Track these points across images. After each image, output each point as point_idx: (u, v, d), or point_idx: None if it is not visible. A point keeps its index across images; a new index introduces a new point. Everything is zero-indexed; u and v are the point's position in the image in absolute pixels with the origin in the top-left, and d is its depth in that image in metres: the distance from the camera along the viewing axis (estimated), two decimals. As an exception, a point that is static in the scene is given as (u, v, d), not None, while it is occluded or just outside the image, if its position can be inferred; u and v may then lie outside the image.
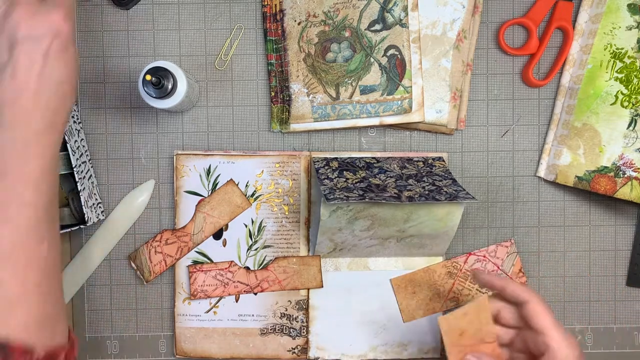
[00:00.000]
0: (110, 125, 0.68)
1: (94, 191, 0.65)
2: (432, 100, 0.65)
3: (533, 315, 0.50)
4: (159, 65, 0.57)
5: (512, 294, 0.51)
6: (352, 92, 0.65)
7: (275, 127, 0.67)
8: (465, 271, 0.67)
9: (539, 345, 0.49)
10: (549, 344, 0.49)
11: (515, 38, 0.68)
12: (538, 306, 0.50)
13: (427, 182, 0.62)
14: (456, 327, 0.52)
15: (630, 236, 0.68)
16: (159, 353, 0.68)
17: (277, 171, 0.67)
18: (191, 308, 0.67)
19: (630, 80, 0.63)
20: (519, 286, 0.51)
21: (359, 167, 0.65)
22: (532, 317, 0.50)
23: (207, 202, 0.66)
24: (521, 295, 0.51)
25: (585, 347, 0.68)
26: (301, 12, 0.65)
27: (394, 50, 0.64)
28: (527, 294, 0.50)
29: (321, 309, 0.67)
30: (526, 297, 0.50)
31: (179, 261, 0.67)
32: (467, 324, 0.52)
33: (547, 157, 0.67)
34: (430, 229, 0.62)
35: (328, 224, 0.60)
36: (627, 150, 0.63)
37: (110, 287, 0.68)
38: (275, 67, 0.66)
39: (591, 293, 0.68)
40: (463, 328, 0.52)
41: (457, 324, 0.52)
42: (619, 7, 0.64)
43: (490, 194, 0.68)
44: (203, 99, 0.67)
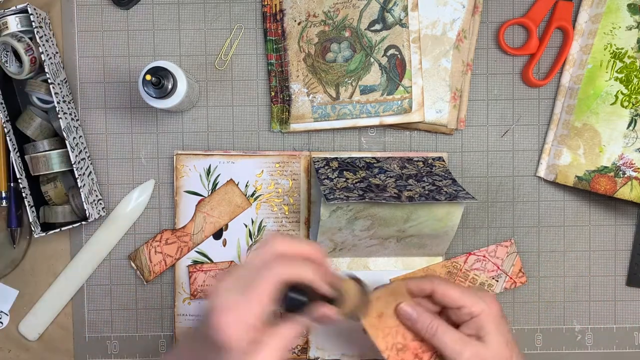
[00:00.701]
0: (110, 125, 0.68)
1: (94, 188, 0.65)
2: (432, 100, 0.65)
3: (444, 298, 0.52)
4: (159, 65, 0.57)
5: (416, 289, 0.53)
6: (352, 92, 0.65)
7: (275, 127, 0.67)
8: (465, 271, 0.67)
9: (463, 317, 0.51)
10: (471, 312, 0.51)
11: (515, 38, 0.68)
12: (440, 287, 0.52)
13: (427, 182, 0.62)
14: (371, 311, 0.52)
15: (630, 236, 0.68)
16: (159, 353, 0.68)
17: (277, 171, 0.67)
18: (191, 308, 0.67)
19: (630, 80, 0.63)
20: (418, 280, 0.53)
21: (359, 167, 0.65)
22: (445, 299, 0.52)
23: (207, 202, 0.66)
24: (423, 286, 0.53)
25: (585, 347, 0.68)
26: (301, 12, 0.65)
27: (394, 50, 0.64)
28: (428, 283, 0.53)
29: (321, 309, 0.67)
30: (428, 287, 0.53)
31: (179, 261, 0.67)
32: (383, 306, 0.52)
33: (547, 157, 0.67)
34: (430, 229, 0.62)
35: (328, 224, 0.60)
36: (627, 150, 0.63)
37: (110, 287, 0.68)
38: (275, 67, 0.66)
39: (591, 293, 0.68)
40: (380, 310, 0.52)
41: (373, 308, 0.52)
42: (619, 7, 0.64)
43: (490, 194, 0.68)
44: (203, 99, 0.67)
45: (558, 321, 0.68)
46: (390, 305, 0.53)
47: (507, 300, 0.68)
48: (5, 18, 0.62)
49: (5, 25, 0.62)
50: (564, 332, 0.68)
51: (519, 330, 0.68)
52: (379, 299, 0.53)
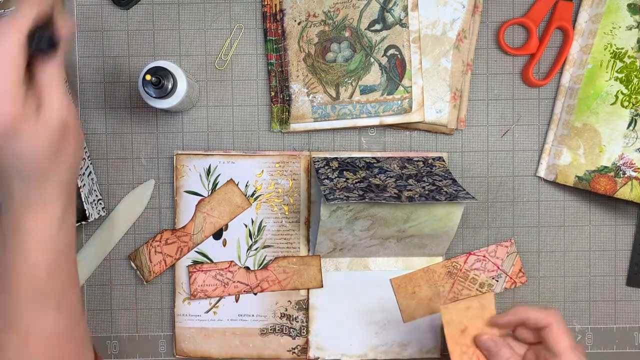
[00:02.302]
0: (110, 125, 0.68)
1: (94, 187, 0.65)
2: (432, 100, 0.65)
3: (553, 339, 0.50)
4: (158, 65, 0.57)
5: (535, 322, 0.52)
6: (352, 92, 0.65)
7: (275, 127, 0.67)
8: (465, 271, 0.67)
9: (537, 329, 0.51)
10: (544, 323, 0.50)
11: (515, 38, 0.68)
12: (558, 329, 0.51)
13: (427, 182, 0.62)
14: (458, 322, 0.52)
15: (630, 236, 0.68)
16: (159, 353, 0.68)
17: (277, 171, 0.67)
18: (191, 308, 0.67)
19: (630, 80, 0.63)
20: (539, 312, 0.51)
21: (359, 167, 0.65)
22: (552, 340, 0.50)
23: (207, 202, 0.66)
24: (543, 320, 0.51)
25: (585, 347, 0.68)
26: (301, 12, 0.65)
27: (394, 50, 0.64)
28: (549, 318, 0.51)
29: (321, 309, 0.67)
30: (547, 322, 0.51)
31: (179, 261, 0.67)
32: (470, 320, 0.52)
33: (547, 157, 0.67)
34: (430, 229, 0.62)
35: (328, 224, 0.60)
36: (627, 150, 0.63)
37: (110, 287, 0.68)
38: (275, 67, 0.66)
39: (591, 293, 0.68)
40: (465, 324, 0.52)
41: (459, 318, 0.52)
42: (619, 7, 0.64)
43: (490, 194, 0.68)
44: (203, 99, 0.67)
45: (558, 321, 0.68)
46: (477, 320, 0.52)
47: (507, 300, 0.68)
48: (5, 18, 0.61)
49: (5, 25, 0.62)
50: (564, 332, 0.68)
51: (519, 330, 0.68)
52: (469, 309, 0.52)
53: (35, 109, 0.40)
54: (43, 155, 0.41)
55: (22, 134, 0.39)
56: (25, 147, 0.40)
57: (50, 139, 0.41)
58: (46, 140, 0.41)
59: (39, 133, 0.40)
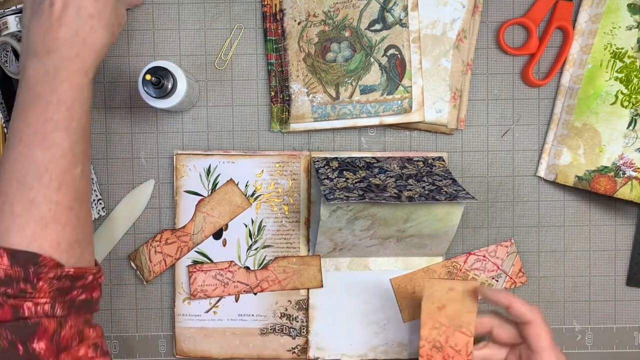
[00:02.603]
0: (110, 125, 0.68)
1: (94, 187, 0.65)
2: (432, 100, 0.65)
3: (534, 337, 0.51)
4: (158, 65, 0.57)
5: (518, 312, 0.52)
6: (352, 91, 0.65)
7: (275, 127, 0.67)
8: (465, 271, 0.67)
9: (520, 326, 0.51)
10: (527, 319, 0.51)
11: (515, 38, 0.68)
12: (540, 328, 0.51)
13: (427, 182, 0.62)
14: (438, 298, 0.53)
15: (630, 236, 0.68)
16: (159, 353, 0.68)
17: (277, 171, 0.67)
18: (191, 308, 0.67)
19: (630, 80, 0.63)
20: (525, 305, 0.52)
21: (359, 167, 0.65)
22: (533, 338, 0.51)
23: (207, 202, 0.66)
24: (526, 315, 0.52)
25: (585, 347, 0.68)
26: (301, 11, 0.65)
27: (394, 50, 0.64)
28: (532, 314, 0.51)
29: (321, 309, 0.67)
30: (531, 318, 0.51)
31: (178, 261, 0.67)
32: (450, 300, 0.53)
33: (547, 157, 0.67)
34: (430, 229, 0.62)
35: (328, 224, 0.60)
36: (627, 150, 0.63)
37: (110, 287, 0.68)
38: (275, 66, 0.66)
39: (591, 293, 0.68)
40: (444, 303, 0.53)
41: (440, 295, 0.53)
42: (619, 7, 0.64)
43: (490, 194, 0.68)
44: (203, 99, 0.67)
45: (558, 321, 0.68)
46: (457, 302, 0.53)
47: (507, 300, 0.68)
48: (5, 18, 0.62)
49: (5, 25, 0.62)
50: (564, 332, 0.68)
51: (519, 330, 0.68)
52: (452, 290, 0.53)
53: None
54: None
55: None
56: None
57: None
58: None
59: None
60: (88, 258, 0.51)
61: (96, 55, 0.50)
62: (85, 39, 0.49)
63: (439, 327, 0.53)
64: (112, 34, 0.52)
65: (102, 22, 0.50)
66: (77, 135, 0.49)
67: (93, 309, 0.51)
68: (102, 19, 0.50)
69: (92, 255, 0.52)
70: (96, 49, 0.50)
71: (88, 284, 0.49)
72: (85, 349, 0.48)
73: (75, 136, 0.49)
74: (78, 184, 0.49)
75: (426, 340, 0.53)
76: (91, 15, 0.49)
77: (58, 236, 0.47)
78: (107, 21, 0.51)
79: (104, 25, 0.50)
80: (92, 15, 0.49)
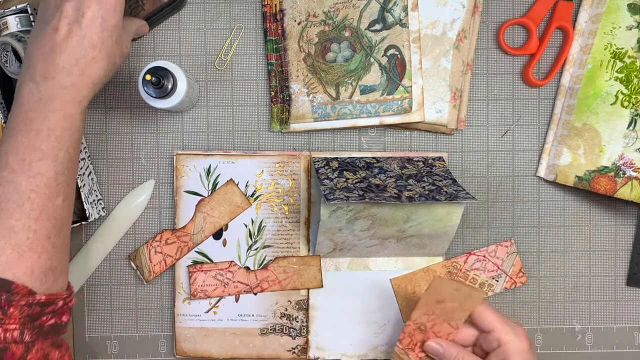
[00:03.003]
0: (110, 125, 0.68)
1: (94, 187, 0.65)
2: (432, 100, 0.65)
3: (479, 317, 0.52)
4: (159, 65, 0.57)
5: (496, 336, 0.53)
6: (352, 92, 0.65)
7: (275, 127, 0.67)
8: (465, 271, 0.67)
9: (492, 342, 0.52)
10: (499, 338, 0.51)
11: (515, 38, 0.68)
12: (481, 307, 0.53)
13: (427, 182, 0.62)
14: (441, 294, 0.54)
15: (630, 236, 0.68)
16: (159, 353, 0.68)
17: (277, 171, 0.67)
18: (191, 308, 0.67)
19: (630, 80, 0.63)
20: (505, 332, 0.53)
21: (359, 167, 0.65)
22: (479, 319, 0.52)
23: (207, 202, 0.66)
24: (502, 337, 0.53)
25: (586, 347, 0.68)
26: (301, 12, 0.65)
27: (394, 50, 0.64)
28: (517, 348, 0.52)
29: (321, 309, 0.67)
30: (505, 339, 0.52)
31: (179, 261, 0.67)
32: (451, 298, 0.53)
33: (547, 157, 0.67)
34: (430, 229, 0.62)
35: (328, 224, 0.60)
36: (627, 150, 0.63)
37: (110, 287, 0.68)
38: (275, 67, 0.66)
39: (591, 293, 0.68)
40: (445, 298, 0.53)
41: (443, 290, 0.53)
42: (619, 7, 0.64)
43: (490, 194, 0.68)
44: (203, 99, 0.67)
45: (558, 321, 0.68)
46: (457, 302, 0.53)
47: (507, 300, 0.68)
48: (5, 18, 0.62)
49: (5, 25, 0.62)
50: (564, 332, 0.68)
51: (519, 330, 0.68)
52: (458, 291, 0.53)
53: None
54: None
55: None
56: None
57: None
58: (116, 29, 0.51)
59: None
60: (61, 284, 0.51)
61: (93, 86, 0.50)
62: (84, 70, 0.49)
63: (430, 315, 0.54)
64: (112, 64, 0.52)
65: (104, 53, 0.50)
66: (63, 165, 0.49)
67: (61, 332, 0.51)
68: (103, 50, 0.50)
69: (66, 280, 0.52)
70: (93, 80, 0.50)
71: (58, 309, 0.50)
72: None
73: (61, 166, 0.49)
74: (59, 213, 0.49)
75: (414, 322, 0.54)
76: (94, 45, 0.49)
77: (33, 264, 0.47)
78: (109, 52, 0.51)
79: (105, 56, 0.50)
80: (95, 46, 0.49)
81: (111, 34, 0.50)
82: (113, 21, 0.50)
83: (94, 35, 0.49)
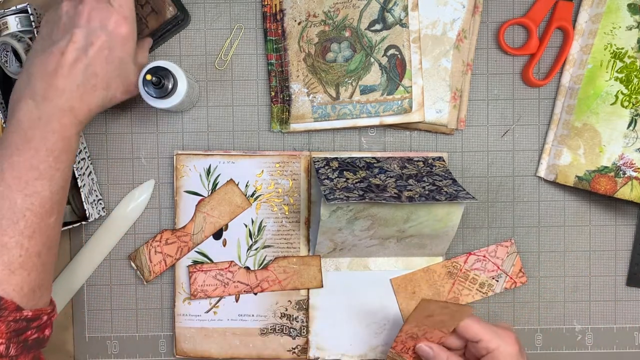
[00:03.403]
0: (110, 125, 0.68)
1: (94, 188, 0.65)
2: (432, 100, 0.65)
3: (465, 330, 0.54)
4: (159, 65, 0.57)
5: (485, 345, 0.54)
6: (352, 92, 0.65)
7: (275, 127, 0.67)
8: (465, 271, 0.67)
9: (481, 351, 0.53)
10: (487, 347, 0.53)
11: (515, 38, 0.68)
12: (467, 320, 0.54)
13: (427, 182, 0.62)
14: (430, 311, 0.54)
15: (630, 236, 0.68)
16: (159, 353, 0.68)
17: (277, 171, 0.67)
18: (191, 308, 0.67)
19: (630, 80, 0.63)
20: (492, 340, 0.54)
21: (359, 167, 0.65)
22: (465, 331, 0.54)
23: (207, 202, 0.66)
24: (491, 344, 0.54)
25: (586, 347, 0.68)
26: (301, 12, 0.65)
27: (394, 50, 0.64)
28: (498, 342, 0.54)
29: (321, 309, 0.67)
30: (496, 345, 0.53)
31: (179, 261, 0.67)
32: (441, 313, 0.54)
33: (547, 157, 0.67)
34: (430, 229, 0.62)
35: (328, 224, 0.60)
36: (627, 150, 0.63)
37: (110, 287, 0.68)
38: (275, 67, 0.66)
39: (591, 293, 0.68)
40: (435, 314, 0.54)
41: (432, 309, 0.53)
42: (619, 7, 0.64)
43: (490, 194, 0.68)
44: (203, 99, 0.67)
45: (558, 321, 0.68)
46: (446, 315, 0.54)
47: (507, 300, 0.68)
48: (5, 18, 0.61)
49: (5, 25, 0.62)
50: (564, 332, 0.68)
51: (519, 330, 0.68)
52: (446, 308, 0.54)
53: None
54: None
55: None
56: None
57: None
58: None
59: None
60: (45, 299, 0.52)
61: (89, 113, 0.51)
62: (82, 96, 0.50)
63: (421, 326, 0.55)
64: (111, 97, 0.53)
65: (104, 83, 0.51)
66: (59, 185, 0.50)
67: (42, 346, 0.52)
68: (105, 81, 0.51)
69: (49, 295, 0.53)
70: (90, 107, 0.51)
71: (42, 324, 0.50)
72: None
73: (56, 186, 0.50)
74: (50, 231, 0.50)
75: (405, 333, 0.55)
76: (96, 74, 0.50)
77: (22, 281, 0.48)
78: (110, 84, 0.52)
79: (105, 86, 0.52)
80: (97, 75, 0.50)
81: (116, 66, 0.52)
82: (120, 54, 0.52)
83: (97, 66, 0.50)
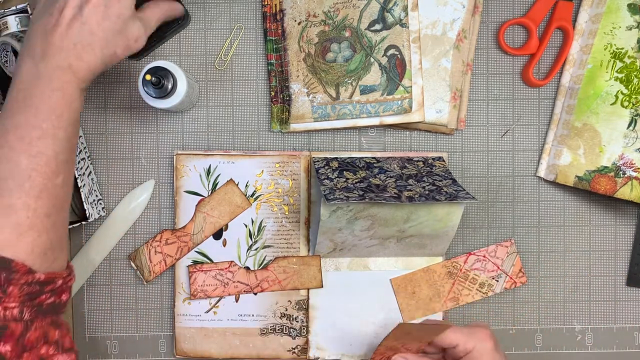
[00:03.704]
0: (110, 125, 0.68)
1: (94, 188, 0.65)
2: (432, 100, 0.65)
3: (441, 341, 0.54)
4: (158, 65, 0.57)
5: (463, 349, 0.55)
6: (352, 92, 0.65)
7: (275, 127, 0.67)
8: (465, 271, 0.67)
9: (459, 353, 0.54)
10: (465, 348, 0.53)
11: (515, 38, 0.68)
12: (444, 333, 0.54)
13: (427, 182, 0.62)
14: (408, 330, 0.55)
15: (630, 236, 0.68)
16: (159, 353, 0.68)
17: (277, 171, 0.67)
18: (191, 308, 0.67)
19: (630, 80, 0.63)
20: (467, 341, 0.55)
21: (359, 167, 0.65)
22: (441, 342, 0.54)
23: (207, 202, 0.66)
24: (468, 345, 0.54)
25: (586, 347, 0.68)
26: (301, 12, 0.65)
27: (394, 50, 0.64)
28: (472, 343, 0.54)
29: (321, 309, 0.67)
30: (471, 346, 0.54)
31: (179, 261, 0.67)
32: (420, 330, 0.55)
33: (547, 157, 0.67)
34: (430, 229, 0.62)
35: (328, 224, 0.60)
36: (627, 150, 0.63)
37: (110, 287, 0.68)
38: (275, 67, 0.66)
39: (591, 293, 0.68)
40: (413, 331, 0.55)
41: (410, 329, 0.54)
42: (619, 7, 0.64)
43: (490, 194, 0.68)
44: (203, 99, 0.67)
45: (558, 321, 0.68)
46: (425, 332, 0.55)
47: (507, 300, 0.68)
48: (5, 18, 0.62)
49: (5, 25, 0.62)
50: (564, 332, 0.68)
51: (519, 330, 0.68)
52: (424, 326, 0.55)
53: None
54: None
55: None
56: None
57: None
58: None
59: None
60: (60, 263, 0.51)
61: (90, 72, 0.51)
62: (80, 54, 0.49)
63: (399, 340, 0.55)
64: (111, 54, 0.52)
65: (103, 41, 0.51)
66: (63, 144, 0.49)
67: (60, 311, 0.51)
68: (103, 39, 0.50)
69: (65, 259, 0.52)
70: (90, 66, 0.51)
71: (57, 288, 0.50)
72: (46, 347, 0.48)
73: (60, 145, 0.49)
74: (59, 192, 0.49)
75: (384, 347, 0.55)
76: (92, 32, 0.50)
77: (33, 243, 0.47)
78: (109, 41, 0.51)
79: (103, 45, 0.51)
80: (93, 33, 0.50)
81: (114, 23, 0.51)
82: (117, 10, 0.51)
83: (94, 23, 0.49)
